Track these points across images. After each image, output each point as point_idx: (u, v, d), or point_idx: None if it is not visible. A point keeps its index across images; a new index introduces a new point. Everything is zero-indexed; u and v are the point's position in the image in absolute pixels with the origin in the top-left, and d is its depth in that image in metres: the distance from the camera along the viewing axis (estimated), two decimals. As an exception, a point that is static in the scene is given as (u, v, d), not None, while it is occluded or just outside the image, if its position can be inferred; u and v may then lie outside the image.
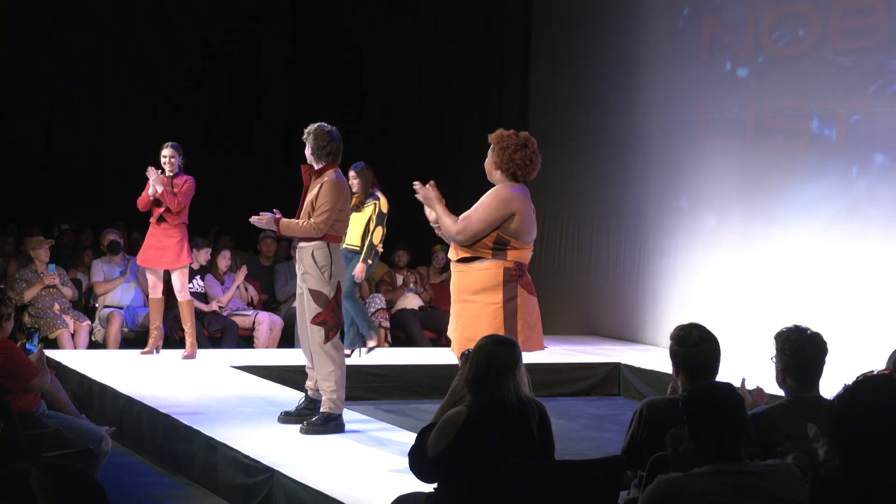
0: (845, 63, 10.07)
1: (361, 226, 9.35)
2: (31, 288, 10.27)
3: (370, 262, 9.42)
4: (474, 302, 5.93)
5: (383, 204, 9.42)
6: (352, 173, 9.39)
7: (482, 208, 5.92)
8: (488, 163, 6.12)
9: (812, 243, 10.17)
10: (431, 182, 6.20)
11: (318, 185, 6.84)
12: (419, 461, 4.38)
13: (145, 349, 9.61)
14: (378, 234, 9.40)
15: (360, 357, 9.47)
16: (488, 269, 5.94)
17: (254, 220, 7.06)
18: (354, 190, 9.36)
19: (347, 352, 9.34)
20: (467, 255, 5.97)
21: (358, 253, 9.35)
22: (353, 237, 9.30)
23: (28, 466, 2.10)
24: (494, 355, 4.31)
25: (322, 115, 7.50)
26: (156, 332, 9.61)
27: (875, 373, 3.85)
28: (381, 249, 9.67)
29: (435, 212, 6.12)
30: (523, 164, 6.05)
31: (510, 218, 5.93)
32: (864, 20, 10.05)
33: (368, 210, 9.38)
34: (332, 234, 6.84)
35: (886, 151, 9.76)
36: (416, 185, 6.19)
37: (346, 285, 9.32)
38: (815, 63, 10.28)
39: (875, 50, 9.86)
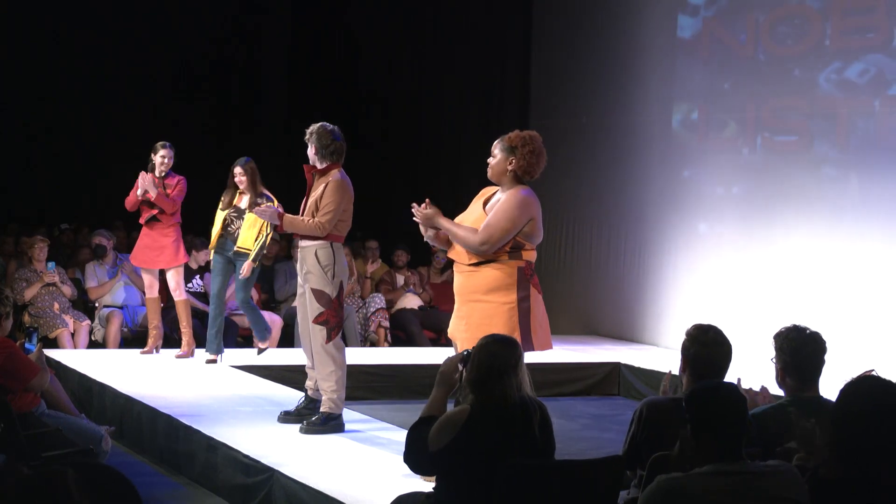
0: (845, 63, 10.07)
1: (255, 229, 8.98)
2: (31, 287, 10.27)
3: (256, 264, 9.03)
4: (487, 302, 5.84)
5: (275, 204, 8.76)
6: (238, 169, 9.04)
7: (505, 216, 5.81)
8: (500, 164, 5.96)
9: (812, 243, 10.18)
10: (427, 200, 6.08)
11: (323, 185, 6.83)
12: (417, 457, 4.37)
13: (145, 349, 9.61)
14: (269, 238, 9.07)
15: (257, 356, 9.30)
16: (501, 269, 5.86)
17: (256, 210, 7.09)
18: (241, 187, 9.05)
19: (213, 357, 9.15)
20: (481, 259, 5.88)
21: (247, 256, 9.02)
22: (246, 240, 9.00)
23: (64, 466, 2.11)
24: (495, 355, 4.31)
25: (321, 116, 7.50)
26: (155, 332, 9.61)
27: (865, 374, 3.84)
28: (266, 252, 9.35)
29: (440, 228, 5.97)
30: (541, 167, 6.00)
31: (528, 222, 5.89)
32: (864, 20, 10.05)
33: None
34: (335, 233, 6.84)
35: (887, 151, 9.76)
36: (414, 208, 6.04)
37: (238, 289, 9.10)
38: (814, 63, 10.29)
39: (875, 50, 9.86)
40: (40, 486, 2.12)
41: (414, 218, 6.07)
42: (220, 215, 9.15)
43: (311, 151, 6.91)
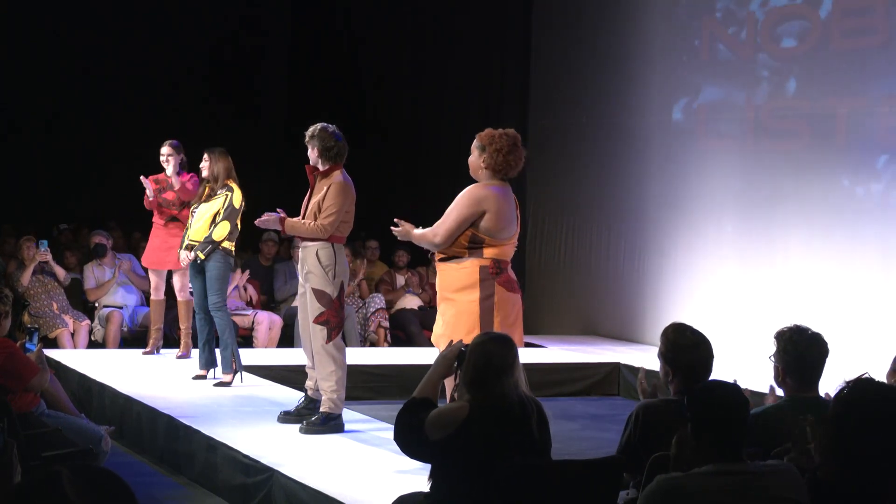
0: (845, 63, 10.07)
1: (207, 220, 8.39)
2: (26, 270, 10.30)
3: (202, 256, 8.24)
4: (454, 300, 5.99)
5: (236, 197, 8.40)
6: (205, 155, 8.48)
7: (455, 208, 6.01)
8: (475, 161, 6.11)
9: (812, 243, 10.17)
10: (395, 220, 6.29)
11: (326, 187, 6.83)
12: (409, 440, 4.34)
13: (146, 349, 9.60)
14: (222, 230, 8.30)
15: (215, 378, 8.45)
16: (465, 268, 6.00)
17: (259, 222, 7.05)
18: (205, 174, 8.49)
19: (203, 372, 8.49)
20: (446, 254, 6.05)
21: (196, 249, 8.34)
22: (198, 232, 8.38)
23: (59, 467, 2.11)
24: (492, 354, 4.30)
25: (322, 116, 7.50)
26: (157, 333, 9.59)
27: (862, 377, 3.84)
28: (229, 247, 8.38)
29: (413, 238, 6.23)
30: (515, 165, 6.09)
31: (482, 216, 5.96)
32: (864, 20, 10.05)
33: (218, 202, 8.41)
34: (336, 234, 6.86)
35: (886, 151, 9.76)
36: (393, 230, 6.31)
37: (199, 295, 8.36)
38: (815, 63, 10.28)
39: (875, 50, 9.86)
40: (35, 487, 2.12)
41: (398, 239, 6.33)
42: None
43: (312, 153, 6.91)
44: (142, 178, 9.33)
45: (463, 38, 13.94)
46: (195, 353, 9.14)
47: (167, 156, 9.35)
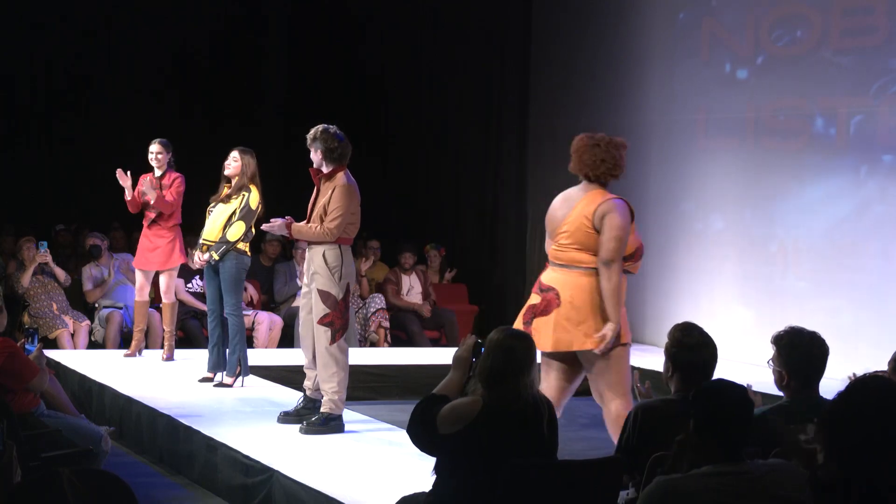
0: (845, 63, 10.07)
1: (222, 221, 8.24)
2: (26, 271, 10.30)
3: (216, 256, 8.10)
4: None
5: (253, 198, 8.20)
6: (235, 154, 8.29)
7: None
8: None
9: (812, 243, 10.17)
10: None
11: (331, 189, 6.83)
12: (421, 433, 4.32)
13: (128, 351, 9.48)
14: (237, 230, 8.14)
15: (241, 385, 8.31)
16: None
17: (266, 227, 7.05)
18: (227, 172, 8.27)
19: (210, 375, 8.36)
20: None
21: (211, 250, 8.19)
22: (211, 232, 8.26)
23: (59, 468, 2.11)
24: (513, 351, 4.27)
25: (322, 116, 7.49)
26: (139, 335, 9.51)
27: (868, 374, 3.83)
28: (244, 248, 8.22)
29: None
30: (594, 165, 6.40)
31: None
32: (864, 20, 10.05)
33: (235, 203, 8.24)
34: (343, 236, 6.86)
35: (887, 151, 9.77)
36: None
37: (216, 297, 8.22)
38: (815, 63, 10.29)
39: (875, 50, 9.87)
40: (35, 488, 2.13)
41: None
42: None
43: (315, 156, 6.89)
44: (118, 171, 9.15)
45: (463, 38, 13.93)
46: (200, 353, 9.12)
47: (156, 154, 9.27)
